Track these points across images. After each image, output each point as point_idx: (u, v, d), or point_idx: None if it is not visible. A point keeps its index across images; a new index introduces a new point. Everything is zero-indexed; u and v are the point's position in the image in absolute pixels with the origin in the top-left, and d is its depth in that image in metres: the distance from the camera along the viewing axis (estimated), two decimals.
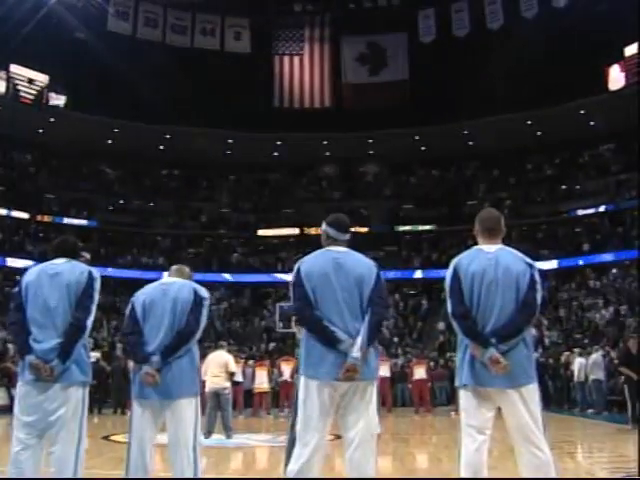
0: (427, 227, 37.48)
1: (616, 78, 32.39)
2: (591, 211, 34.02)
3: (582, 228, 34.53)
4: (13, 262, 30.13)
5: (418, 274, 35.34)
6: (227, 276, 35.47)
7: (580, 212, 34.36)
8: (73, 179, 36.58)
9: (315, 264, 4.28)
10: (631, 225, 31.15)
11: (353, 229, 4.61)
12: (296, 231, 37.02)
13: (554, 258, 32.32)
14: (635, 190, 31.21)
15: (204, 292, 4.83)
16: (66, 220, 34.59)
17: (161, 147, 36.84)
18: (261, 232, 37.74)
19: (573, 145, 35.28)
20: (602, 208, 33.55)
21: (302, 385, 4.20)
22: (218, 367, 12.38)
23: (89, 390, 4.63)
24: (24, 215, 33.55)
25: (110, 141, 35.65)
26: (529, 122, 34.01)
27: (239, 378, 15.97)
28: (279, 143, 37.08)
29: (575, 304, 30.27)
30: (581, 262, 32.55)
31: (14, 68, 32.58)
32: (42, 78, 33.57)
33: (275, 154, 38.04)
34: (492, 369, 4.02)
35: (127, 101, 31.97)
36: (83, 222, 35.29)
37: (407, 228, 37.70)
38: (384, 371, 18.92)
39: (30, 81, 33.31)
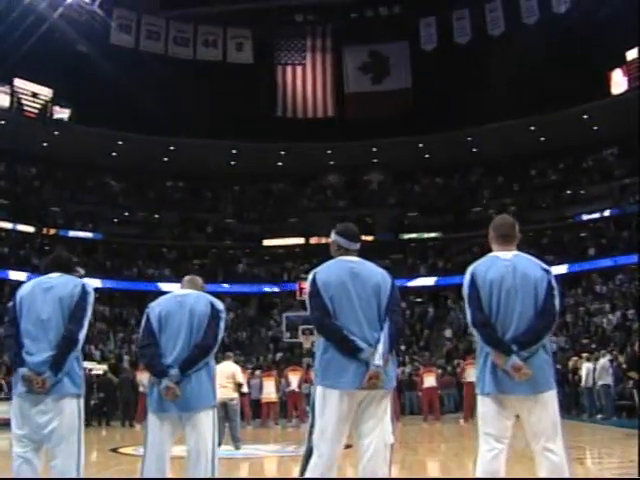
0: (432, 235, 37.44)
1: (618, 82, 32.40)
2: (596, 216, 33.93)
3: (587, 233, 34.48)
4: (18, 276, 30.08)
5: (424, 282, 35.21)
6: (233, 287, 35.43)
7: (585, 217, 34.31)
8: (78, 192, 36.70)
9: (331, 273, 4.24)
10: (636, 229, 31.03)
11: None
12: (301, 241, 37.07)
13: (560, 263, 32.23)
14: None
15: (220, 305, 4.79)
16: (71, 233, 34.62)
17: (165, 159, 36.94)
18: (266, 242, 37.77)
19: (577, 150, 35.27)
20: (607, 213, 33.52)
21: (319, 395, 4.15)
22: (225, 378, 12.37)
23: (98, 403, 4.63)
24: (29, 229, 33.57)
25: (114, 153, 35.75)
26: (532, 128, 34.04)
27: (244, 389, 15.97)
28: (283, 153, 37.17)
29: (582, 309, 30.18)
30: (587, 267, 32.48)
31: (18, 82, 32.72)
32: (46, 92, 33.70)
33: (279, 164, 38.11)
34: (515, 376, 4.00)
35: (131, 113, 32.11)
36: (88, 235, 35.34)
37: (412, 236, 37.67)
38: None
39: (34, 95, 33.45)
